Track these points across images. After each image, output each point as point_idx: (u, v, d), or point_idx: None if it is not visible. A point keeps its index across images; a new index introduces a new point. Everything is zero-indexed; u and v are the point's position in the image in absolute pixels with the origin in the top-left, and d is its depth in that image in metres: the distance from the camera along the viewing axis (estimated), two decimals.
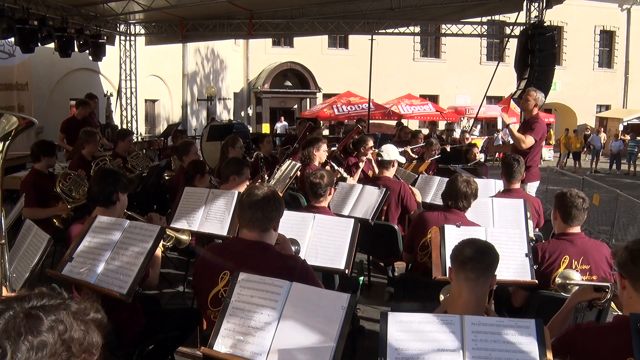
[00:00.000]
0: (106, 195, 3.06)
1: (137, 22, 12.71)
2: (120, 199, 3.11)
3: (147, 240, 2.61)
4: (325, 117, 19.31)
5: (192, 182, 4.81)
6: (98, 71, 12.89)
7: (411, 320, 1.91)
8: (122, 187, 3.13)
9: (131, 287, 2.46)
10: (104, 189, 3.06)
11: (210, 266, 2.52)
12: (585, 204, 3.25)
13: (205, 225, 3.87)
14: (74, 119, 8.23)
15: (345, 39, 24.75)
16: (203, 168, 5.00)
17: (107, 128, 10.90)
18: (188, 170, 4.98)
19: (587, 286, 2.57)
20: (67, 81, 11.96)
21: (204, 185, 4.82)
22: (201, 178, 4.87)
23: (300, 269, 2.44)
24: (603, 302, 2.50)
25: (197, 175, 4.86)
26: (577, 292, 2.59)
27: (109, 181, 3.08)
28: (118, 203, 3.11)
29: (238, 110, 23.08)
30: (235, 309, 2.12)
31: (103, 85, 13.04)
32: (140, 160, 6.78)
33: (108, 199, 3.06)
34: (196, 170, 4.91)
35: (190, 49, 17.22)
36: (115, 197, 3.08)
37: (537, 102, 5.91)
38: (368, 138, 6.69)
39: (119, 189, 3.10)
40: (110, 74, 13.31)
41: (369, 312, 4.69)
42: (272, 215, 2.52)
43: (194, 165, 5.02)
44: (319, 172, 3.93)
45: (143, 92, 14.38)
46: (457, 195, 3.70)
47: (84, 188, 4.90)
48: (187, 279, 5.06)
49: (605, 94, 28.31)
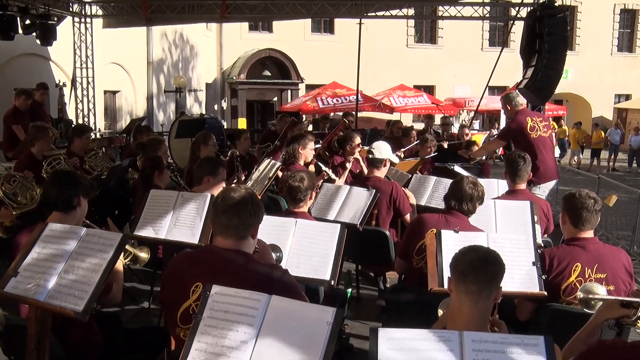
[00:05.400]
0: (65, 199, 3.03)
1: (93, 2, 12.56)
2: (81, 204, 3.09)
3: (107, 250, 2.57)
4: (309, 111, 19.30)
5: (150, 181, 4.78)
6: (48, 57, 12.69)
7: (404, 337, 1.92)
8: (84, 190, 3.11)
9: (88, 304, 2.42)
10: (63, 192, 3.03)
11: (180, 278, 2.51)
12: (597, 205, 3.28)
13: (174, 233, 3.83)
14: (17, 111, 8.11)
15: (331, 23, 24.79)
16: (160, 163, 4.96)
17: (60, 123, 10.78)
18: (144, 168, 4.94)
19: (614, 301, 2.55)
20: (10, 68, 11.68)
21: (164, 183, 4.79)
22: (160, 175, 4.84)
23: (280, 281, 2.43)
24: (633, 320, 2.47)
25: (155, 173, 4.83)
26: (602, 308, 2.57)
27: (69, 183, 3.06)
28: (78, 209, 3.08)
29: (211, 103, 22.97)
30: (207, 326, 2.11)
31: (54, 74, 12.84)
32: (100, 160, 6.70)
33: (67, 204, 3.03)
34: (153, 167, 4.87)
35: (155, 33, 17.08)
36: (75, 201, 3.06)
37: (514, 108, 6.33)
38: (355, 134, 6.69)
39: (80, 192, 3.08)
40: (62, 61, 13.12)
41: (358, 328, 4.69)
42: (250, 220, 2.51)
43: (150, 162, 4.97)
44: (299, 174, 3.94)
45: (102, 82, 14.23)
46: (461, 197, 3.72)
47: (32, 192, 4.83)
48: (153, 293, 5.03)
49: (625, 82, 28.17)
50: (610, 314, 2.50)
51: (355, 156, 6.40)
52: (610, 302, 2.56)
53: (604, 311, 2.53)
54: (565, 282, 3.19)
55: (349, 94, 18.99)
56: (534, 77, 8.86)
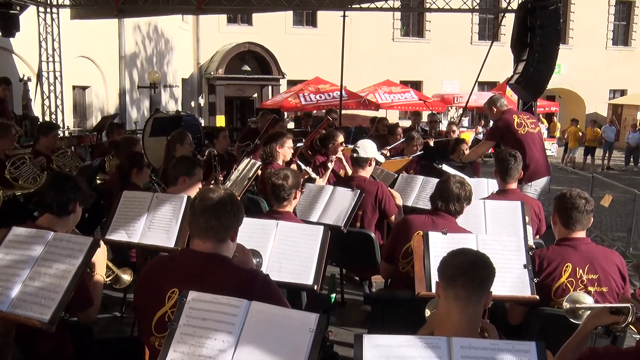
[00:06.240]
0: (62, 202, 3.02)
1: None
2: (75, 211, 3.09)
3: (76, 256, 2.56)
4: (290, 108, 19.28)
5: (129, 178, 4.75)
6: (10, 50, 12.51)
7: (390, 344, 1.93)
8: (82, 198, 3.12)
9: (55, 313, 2.40)
10: (61, 195, 3.02)
11: (155, 283, 2.49)
12: (588, 205, 3.32)
13: (149, 236, 3.82)
14: None
15: (314, 16, 24.79)
16: (140, 161, 4.94)
17: (25, 120, 10.62)
18: (123, 164, 4.91)
19: (602, 309, 2.56)
20: None
21: (143, 181, 4.76)
22: (139, 173, 4.82)
23: (261, 286, 2.43)
24: (622, 326, 2.47)
25: (133, 170, 4.80)
26: (591, 316, 2.58)
27: (69, 187, 3.06)
28: (72, 215, 3.08)
29: (187, 99, 22.87)
30: (183, 334, 2.10)
31: (18, 68, 12.68)
32: (68, 159, 6.64)
33: (63, 208, 3.03)
34: (132, 164, 4.85)
35: (128, 25, 16.96)
36: (71, 207, 3.05)
37: (500, 109, 6.51)
38: (337, 133, 6.71)
39: (78, 198, 3.08)
40: (27, 54, 12.96)
41: (343, 335, 4.70)
42: (230, 222, 2.50)
43: (129, 159, 4.95)
44: (283, 171, 3.94)
45: (70, 76, 14.09)
46: (448, 196, 3.75)
47: None
48: (126, 301, 5.00)
49: (621, 76, 28.47)
50: (599, 321, 2.51)
51: (338, 155, 6.41)
52: (599, 310, 2.57)
53: (592, 319, 2.54)
54: (556, 283, 3.23)
55: (333, 89, 19.00)
56: (525, 72, 8.95)
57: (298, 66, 23.63)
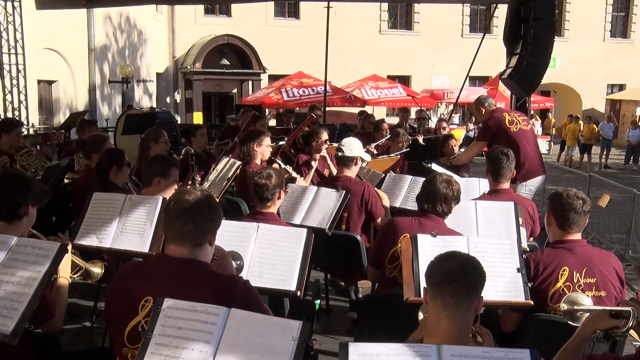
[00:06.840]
0: (11, 207, 2.95)
1: None
2: (28, 214, 3.02)
3: (42, 262, 2.53)
4: (272, 104, 19.29)
5: (107, 176, 4.72)
6: None
7: (377, 353, 1.94)
8: (34, 198, 3.03)
9: (18, 324, 2.37)
10: (10, 199, 2.94)
11: (128, 291, 2.48)
12: (586, 206, 3.34)
13: (121, 240, 3.80)
14: None
15: (296, 7, 24.80)
16: (121, 158, 4.91)
17: None
18: (101, 161, 4.88)
19: (602, 312, 2.56)
20: None
21: (122, 181, 4.74)
22: (118, 172, 4.79)
23: (240, 292, 2.43)
24: (623, 331, 2.48)
25: (113, 168, 4.78)
26: (590, 319, 2.59)
27: (17, 188, 2.97)
28: (25, 218, 3.01)
29: (162, 95, 22.75)
30: (158, 345, 2.09)
31: None
32: (33, 159, 6.58)
33: (13, 212, 2.95)
34: (112, 162, 4.82)
35: (97, 16, 16.83)
36: (23, 210, 2.98)
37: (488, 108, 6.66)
38: (321, 130, 6.72)
39: (29, 200, 3.00)
40: None
41: (328, 343, 4.71)
42: (207, 226, 2.50)
43: (109, 156, 4.93)
44: (266, 170, 3.95)
45: (35, 70, 13.95)
46: (435, 197, 3.77)
47: None
48: (97, 309, 4.96)
49: (619, 70, 28.66)
50: (598, 325, 2.52)
51: (322, 154, 6.42)
52: (598, 313, 2.58)
53: (591, 322, 2.55)
54: (553, 288, 3.25)
55: (316, 84, 19.04)
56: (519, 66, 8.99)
57: (280, 60, 23.60)
